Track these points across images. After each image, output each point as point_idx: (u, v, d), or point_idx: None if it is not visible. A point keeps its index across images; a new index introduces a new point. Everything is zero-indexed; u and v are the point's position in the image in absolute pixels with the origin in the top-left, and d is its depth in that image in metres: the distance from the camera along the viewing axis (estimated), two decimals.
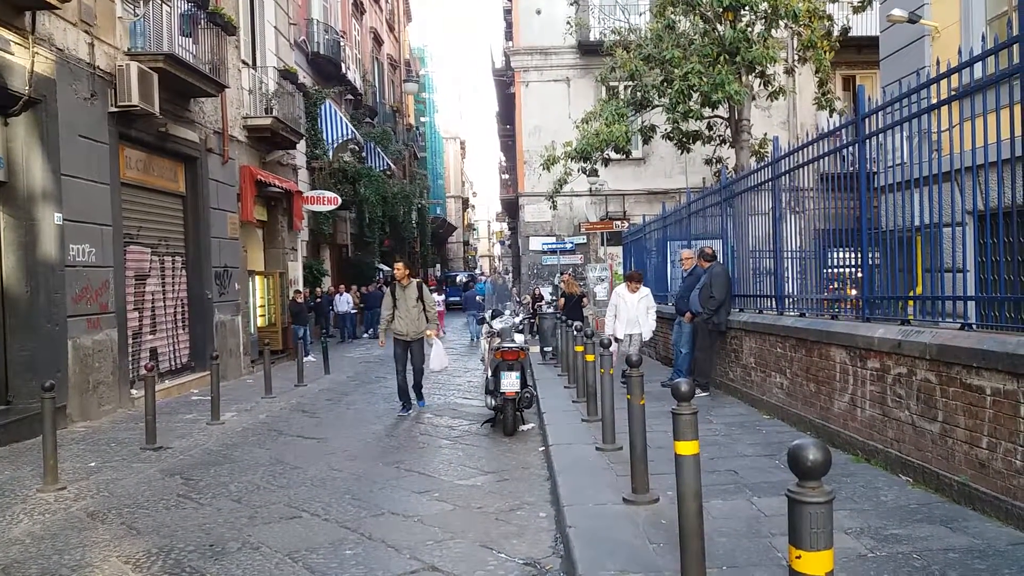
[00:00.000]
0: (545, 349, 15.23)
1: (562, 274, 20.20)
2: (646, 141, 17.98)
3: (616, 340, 10.15)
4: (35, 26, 9.10)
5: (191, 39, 12.49)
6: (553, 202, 19.32)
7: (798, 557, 2.25)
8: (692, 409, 3.77)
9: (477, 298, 22.39)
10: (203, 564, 4.74)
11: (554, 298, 19.41)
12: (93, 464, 7.54)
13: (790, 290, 8.37)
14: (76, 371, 9.69)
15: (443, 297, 29.17)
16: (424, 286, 10.03)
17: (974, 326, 5.14)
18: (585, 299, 18.04)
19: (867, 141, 6.39)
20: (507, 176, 38.65)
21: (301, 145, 19.70)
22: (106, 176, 10.53)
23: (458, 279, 43.96)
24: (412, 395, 10.20)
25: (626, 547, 4.34)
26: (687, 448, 3.69)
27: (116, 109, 10.63)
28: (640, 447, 5.22)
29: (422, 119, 49.84)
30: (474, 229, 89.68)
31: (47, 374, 8.50)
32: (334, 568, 4.60)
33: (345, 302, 22.89)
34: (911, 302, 5.96)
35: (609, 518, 4.89)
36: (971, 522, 4.47)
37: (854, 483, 5.40)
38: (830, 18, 16.18)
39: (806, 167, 7.62)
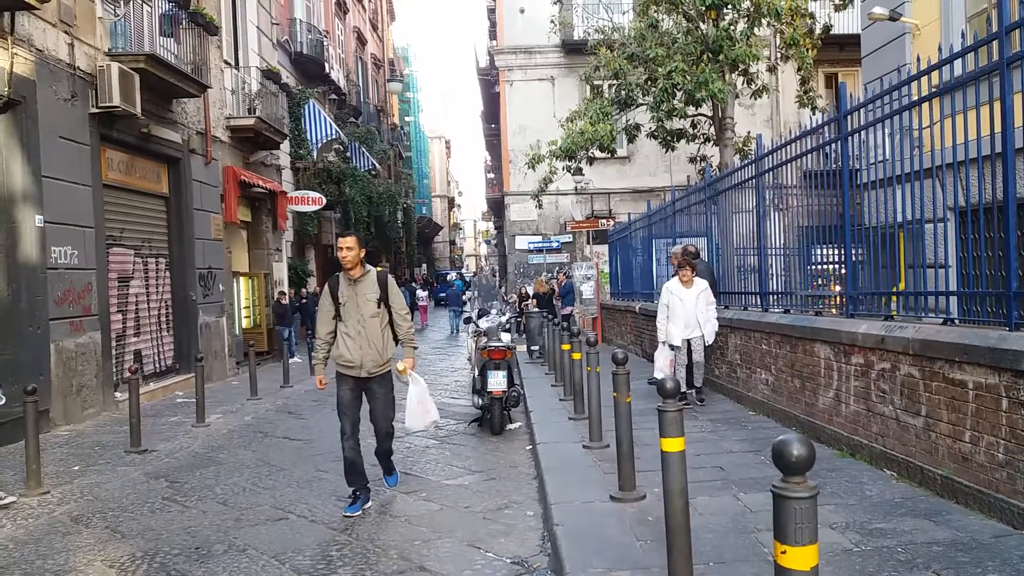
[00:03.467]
0: (532, 348, 15.25)
1: (559, 272, 20.36)
2: (631, 140, 18.03)
3: (672, 347, 8.61)
4: (14, 27, 9.01)
5: (173, 39, 12.40)
6: (539, 201, 19.34)
7: (783, 552, 2.26)
8: (677, 406, 3.78)
9: (463, 295, 23.50)
10: (189, 567, 4.71)
11: (527, 298, 19.67)
12: (77, 468, 7.48)
13: (774, 287, 8.41)
14: (59, 374, 9.60)
15: (427, 292, 29.70)
16: (391, 280, 5.95)
17: (956, 321, 5.19)
18: (556, 293, 18.26)
19: (849, 138, 6.43)
20: (492, 175, 38.63)
21: (285, 145, 19.59)
22: (88, 178, 10.44)
23: (448, 277, 45.45)
24: (375, 466, 6.30)
25: (613, 544, 4.35)
26: (673, 445, 3.70)
27: (97, 110, 10.54)
28: (626, 445, 5.23)
29: (407, 118, 49.75)
30: (460, 228, 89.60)
31: (29, 378, 8.41)
32: (321, 569, 4.58)
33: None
34: (894, 298, 6.01)
35: (596, 516, 4.90)
36: (954, 515, 4.51)
37: (839, 478, 5.44)
38: (812, 16, 16.30)
39: (789, 164, 7.66)
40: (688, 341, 8.58)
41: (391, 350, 5.90)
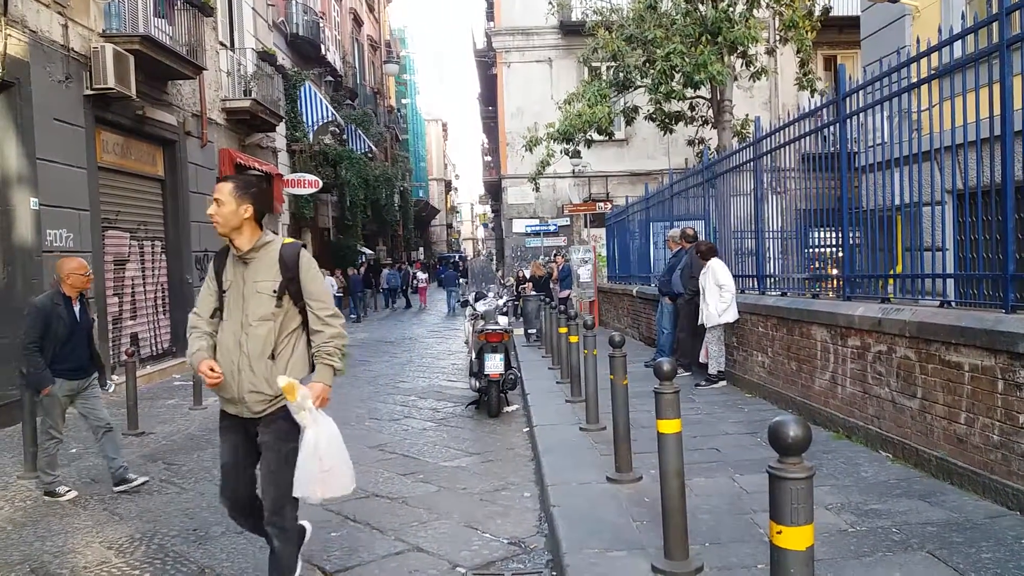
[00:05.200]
0: (529, 331, 15.25)
1: (556, 255, 20.30)
2: (629, 122, 17.99)
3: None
4: (7, 7, 8.92)
5: (167, 21, 12.30)
6: (536, 184, 19.29)
7: (779, 532, 2.27)
8: (674, 388, 3.79)
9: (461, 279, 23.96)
10: (187, 549, 4.73)
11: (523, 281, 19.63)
12: (74, 450, 7.49)
13: (771, 270, 8.41)
14: None
15: (426, 275, 30.19)
16: (305, 257, 3.65)
17: (953, 304, 5.19)
18: (554, 276, 18.22)
19: (848, 121, 6.41)
20: (490, 158, 38.51)
21: (281, 128, 19.51)
22: (83, 160, 10.38)
23: (455, 260, 46.80)
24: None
25: (610, 525, 4.37)
26: (669, 427, 3.71)
27: (92, 92, 10.47)
28: (623, 427, 5.24)
29: (403, 101, 49.51)
30: (457, 212, 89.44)
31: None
32: (318, 550, 4.60)
33: (330, 286, 22.79)
34: (891, 281, 6.01)
35: (593, 497, 4.92)
36: (949, 496, 4.53)
37: (835, 459, 5.46)
38: None
39: (787, 147, 7.64)
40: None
41: (297, 374, 3.53)
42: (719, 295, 8.40)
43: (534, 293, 16.26)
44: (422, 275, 31.39)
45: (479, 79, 33.70)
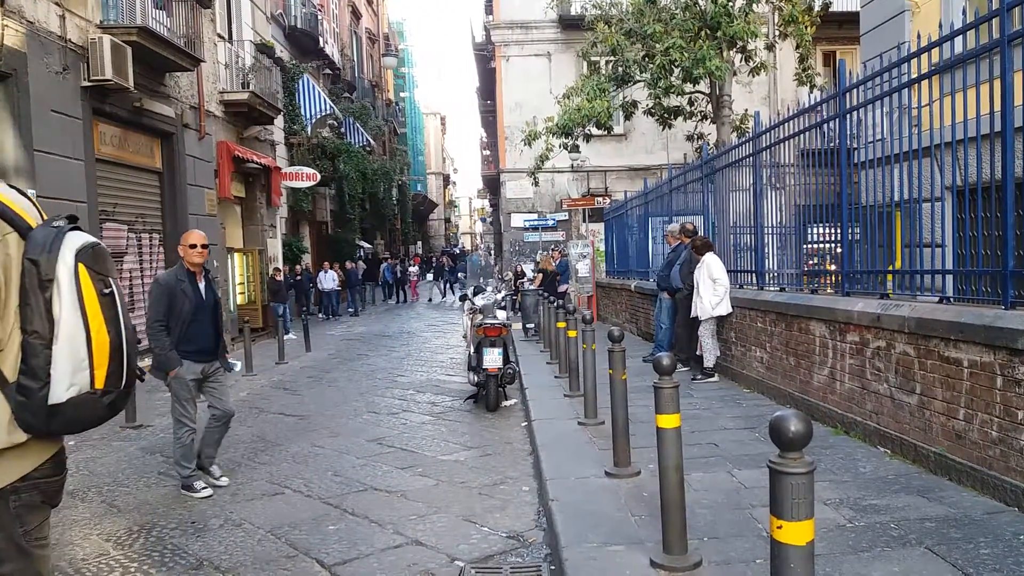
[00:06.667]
0: (527, 326, 15.25)
1: (553, 250, 20.18)
2: (628, 117, 17.95)
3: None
4: None
5: (165, 12, 12.26)
6: (535, 178, 19.26)
7: (779, 527, 2.27)
8: (673, 383, 3.78)
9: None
10: (185, 541, 4.72)
11: (533, 274, 19.50)
12: (72, 443, 7.47)
13: (770, 265, 8.41)
14: None
15: (417, 268, 30.84)
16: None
17: (952, 300, 5.20)
18: (559, 275, 18.15)
19: (847, 116, 6.40)
20: (488, 152, 38.48)
21: (279, 120, 19.46)
22: (80, 152, 10.36)
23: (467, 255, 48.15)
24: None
25: (608, 519, 4.37)
26: (668, 422, 3.71)
27: (89, 83, 10.44)
28: (622, 421, 5.24)
29: (402, 94, 49.41)
30: (455, 206, 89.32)
31: None
32: (316, 544, 4.60)
33: (330, 279, 22.78)
34: (890, 276, 6.01)
35: (591, 491, 4.92)
36: (948, 492, 4.54)
37: (833, 455, 5.47)
38: None
39: (787, 142, 7.63)
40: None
41: None
42: (712, 289, 8.45)
43: (536, 288, 16.21)
44: (413, 269, 31.42)
45: (478, 73, 33.63)
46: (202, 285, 5.65)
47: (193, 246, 5.58)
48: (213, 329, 5.70)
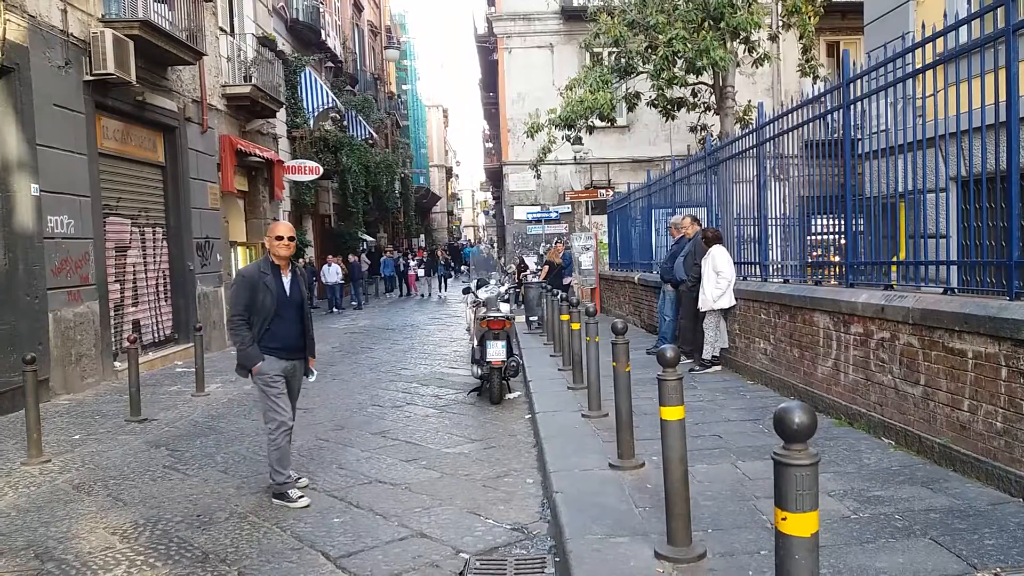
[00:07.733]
0: (531, 318, 15.25)
1: (557, 242, 20.14)
2: (630, 108, 17.88)
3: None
4: None
5: (167, 5, 12.23)
6: (537, 171, 19.24)
7: (784, 519, 2.27)
8: (677, 375, 3.78)
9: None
10: (190, 534, 4.74)
11: (539, 267, 19.46)
12: (77, 437, 7.51)
13: (774, 257, 8.39)
14: (58, 344, 9.61)
15: (416, 262, 30.93)
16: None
17: (956, 291, 5.18)
18: (563, 267, 18.11)
19: (851, 107, 6.37)
20: (491, 145, 38.40)
21: (281, 114, 19.44)
22: (83, 146, 10.35)
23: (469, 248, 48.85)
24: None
25: (612, 511, 4.38)
26: (672, 414, 3.71)
27: (92, 77, 10.42)
28: (626, 413, 5.25)
29: (404, 87, 49.32)
30: (458, 199, 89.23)
31: (28, 347, 8.43)
32: (322, 536, 4.61)
33: (334, 273, 22.79)
34: (894, 268, 6.00)
35: (595, 483, 4.93)
36: (952, 483, 4.54)
37: (837, 446, 5.47)
38: None
39: (790, 133, 7.61)
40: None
41: None
42: (715, 281, 8.45)
43: (540, 281, 16.20)
44: (412, 262, 31.41)
45: (480, 65, 33.53)
46: (287, 280, 5.34)
47: (280, 238, 5.26)
48: (300, 326, 5.43)
